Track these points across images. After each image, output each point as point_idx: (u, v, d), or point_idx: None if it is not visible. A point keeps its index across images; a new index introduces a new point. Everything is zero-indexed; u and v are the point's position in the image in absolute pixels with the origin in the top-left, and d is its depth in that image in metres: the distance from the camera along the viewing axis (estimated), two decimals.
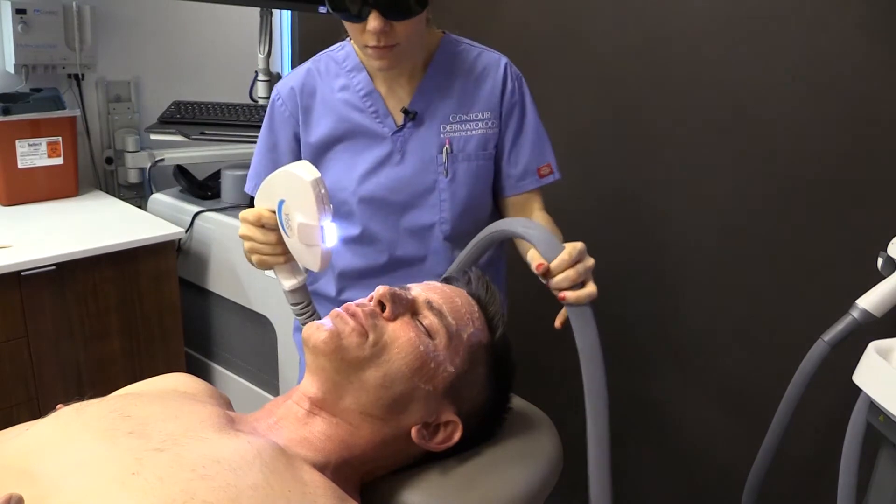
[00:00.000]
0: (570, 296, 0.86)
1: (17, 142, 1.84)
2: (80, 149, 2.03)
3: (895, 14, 1.35)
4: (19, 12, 1.86)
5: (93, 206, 1.94)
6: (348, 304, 0.77)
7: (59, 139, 1.90)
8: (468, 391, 0.79)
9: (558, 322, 0.93)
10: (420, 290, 0.80)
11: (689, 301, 1.72)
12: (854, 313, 1.19)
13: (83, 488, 0.59)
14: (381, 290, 0.76)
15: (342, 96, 1.16)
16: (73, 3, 1.96)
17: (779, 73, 1.49)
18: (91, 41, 2.01)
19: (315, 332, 0.74)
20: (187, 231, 1.91)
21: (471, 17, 1.94)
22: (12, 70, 1.92)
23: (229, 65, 2.33)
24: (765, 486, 1.43)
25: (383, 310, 0.76)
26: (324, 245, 0.86)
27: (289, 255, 0.94)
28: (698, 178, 1.64)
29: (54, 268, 1.57)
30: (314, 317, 0.98)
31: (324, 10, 1.96)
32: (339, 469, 0.72)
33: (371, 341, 0.73)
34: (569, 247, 0.87)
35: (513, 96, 1.18)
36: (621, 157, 1.76)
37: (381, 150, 1.16)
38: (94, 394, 0.75)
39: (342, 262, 1.23)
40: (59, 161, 1.92)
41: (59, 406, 0.73)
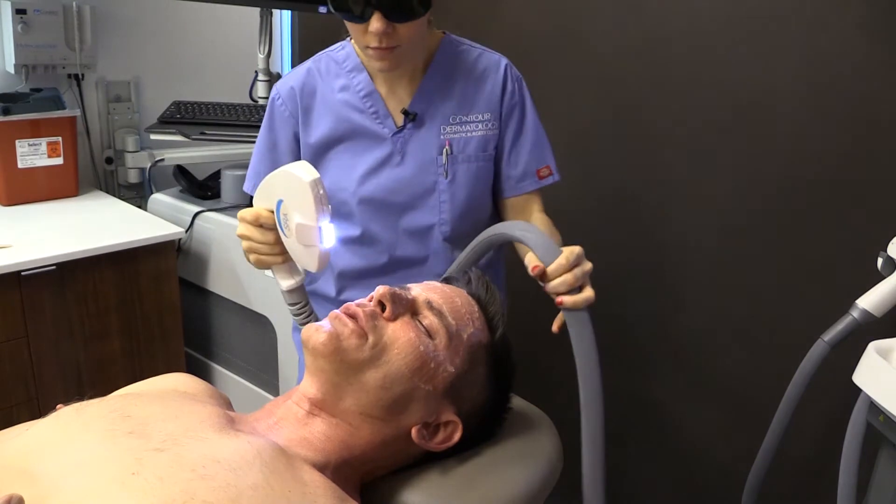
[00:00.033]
0: (567, 300, 0.86)
1: (17, 142, 1.84)
2: (80, 149, 2.03)
3: (895, 14, 1.35)
4: (19, 12, 1.86)
5: (93, 206, 1.94)
6: (348, 304, 0.77)
7: (59, 139, 1.90)
8: (468, 391, 0.79)
9: (555, 326, 0.94)
10: (420, 290, 0.80)
11: (689, 301, 1.72)
12: (854, 313, 1.19)
13: (83, 488, 0.59)
14: (381, 290, 0.76)
15: (342, 97, 1.16)
16: (73, 3, 1.96)
17: (779, 73, 1.49)
18: (91, 41, 2.01)
19: (314, 333, 0.74)
20: (187, 231, 1.91)
21: (471, 18, 1.94)
22: (12, 70, 1.92)
23: (229, 65, 2.33)
24: (765, 486, 1.43)
25: (383, 310, 0.76)
26: (321, 246, 0.86)
27: (287, 255, 0.94)
28: (698, 178, 1.64)
29: (54, 268, 1.57)
30: (311, 317, 0.98)
31: (324, 10, 1.96)
32: (339, 469, 0.72)
33: (371, 343, 0.73)
34: (566, 251, 0.87)
35: (513, 97, 1.18)
36: (621, 157, 1.76)
37: (381, 151, 1.16)
38: (94, 394, 0.75)
39: (342, 262, 1.23)
40: (59, 161, 1.92)
41: (59, 406, 0.73)
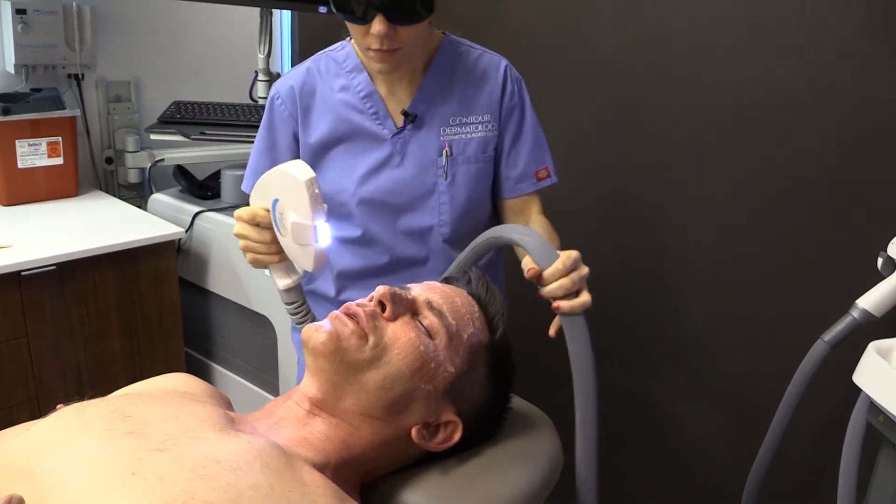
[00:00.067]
0: (564, 305, 0.86)
1: (17, 142, 1.84)
2: (80, 149, 2.03)
3: (895, 14, 1.35)
4: (19, 12, 1.86)
5: (93, 206, 1.94)
6: (348, 304, 0.77)
7: (59, 139, 1.90)
8: (468, 391, 0.79)
9: (552, 330, 0.93)
10: (420, 290, 0.80)
11: (689, 301, 1.72)
12: (854, 313, 1.19)
13: (83, 488, 0.59)
14: (381, 290, 0.76)
15: (342, 97, 1.16)
16: (73, 3, 1.96)
17: (779, 73, 1.49)
18: (91, 41, 2.01)
19: (314, 333, 0.73)
20: (187, 231, 1.91)
21: (471, 18, 1.93)
22: (12, 70, 1.92)
23: (229, 65, 2.33)
24: (765, 486, 1.43)
25: (383, 310, 0.76)
26: (317, 245, 0.86)
27: (283, 255, 0.94)
28: (698, 178, 1.64)
29: (54, 268, 1.57)
30: (308, 316, 0.98)
31: (324, 10, 1.96)
32: (339, 469, 0.72)
33: (371, 343, 0.73)
34: (563, 255, 0.87)
35: (512, 99, 1.18)
36: (621, 157, 1.76)
37: (380, 152, 1.16)
38: (94, 394, 0.75)
39: (341, 262, 1.23)
40: (59, 161, 1.92)
41: (59, 406, 0.73)
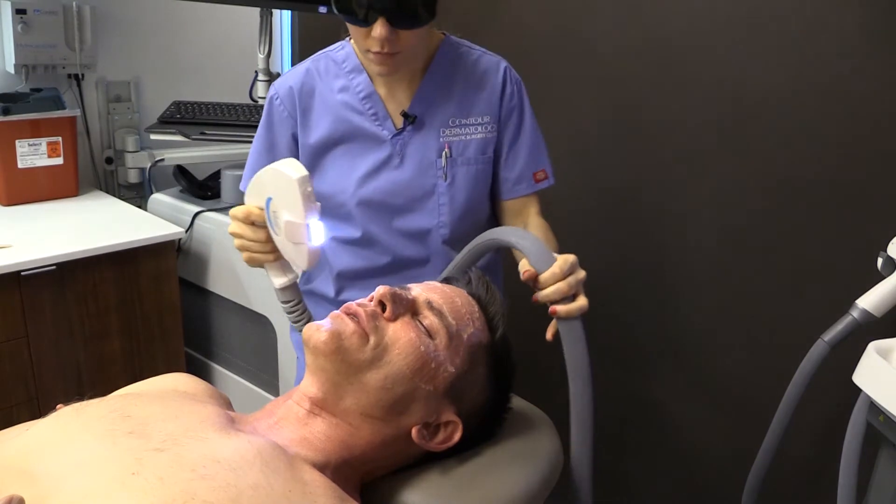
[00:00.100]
0: (561, 310, 0.86)
1: (17, 142, 1.84)
2: (80, 149, 2.03)
3: (895, 14, 1.35)
4: (19, 12, 1.86)
5: (93, 206, 1.94)
6: (349, 303, 0.77)
7: (59, 139, 1.90)
8: (468, 391, 0.79)
9: (549, 334, 0.93)
10: (420, 290, 0.80)
11: (689, 301, 1.72)
12: (854, 313, 1.19)
13: (83, 488, 0.59)
14: (381, 290, 0.76)
15: (341, 98, 1.16)
16: (73, 3, 1.96)
17: (779, 73, 1.49)
18: (91, 41, 2.01)
19: (315, 332, 0.73)
20: (187, 231, 1.91)
21: (471, 18, 1.93)
22: (12, 70, 1.92)
23: (229, 65, 2.33)
24: (765, 486, 1.43)
25: (384, 310, 0.76)
26: (310, 243, 0.86)
27: (279, 253, 0.94)
28: (698, 178, 1.64)
29: (54, 268, 1.57)
30: (305, 315, 0.98)
31: (324, 10, 1.96)
32: (340, 469, 0.72)
33: (372, 344, 0.73)
34: (560, 259, 0.87)
35: (511, 100, 1.18)
36: (621, 157, 1.76)
37: (380, 154, 1.16)
38: (94, 394, 0.75)
39: (340, 262, 1.22)
40: (59, 161, 1.92)
41: (59, 406, 0.73)
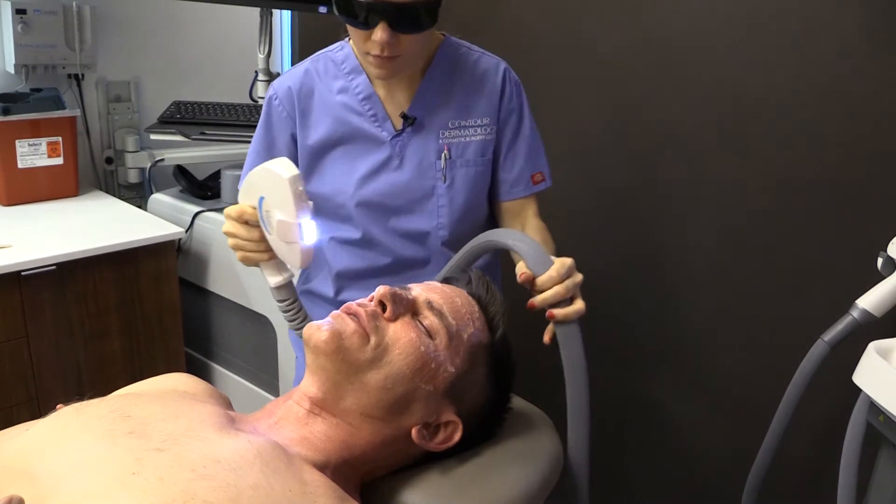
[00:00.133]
0: (558, 313, 0.86)
1: (17, 142, 1.84)
2: (80, 149, 2.03)
3: (895, 14, 1.35)
4: (19, 12, 1.86)
5: (93, 206, 1.94)
6: (349, 303, 0.77)
7: (59, 139, 1.90)
8: (468, 391, 0.79)
9: (547, 338, 0.93)
10: (420, 291, 0.80)
11: (689, 301, 1.72)
12: (854, 313, 1.19)
13: (83, 488, 0.59)
14: (381, 290, 0.76)
15: (341, 99, 1.15)
16: (73, 3, 1.96)
17: (779, 73, 1.49)
18: (91, 41, 2.01)
19: (316, 331, 0.73)
20: (187, 231, 1.91)
21: (471, 18, 1.93)
22: (12, 70, 1.92)
23: (229, 65, 2.33)
24: (765, 486, 1.43)
25: (384, 310, 0.76)
26: (302, 242, 0.86)
27: (273, 252, 0.94)
28: (698, 178, 1.64)
29: (54, 268, 1.57)
30: (300, 314, 0.98)
31: (324, 10, 1.96)
32: (340, 469, 0.72)
33: (373, 344, 0.73)
34: (557, 262, 0.87)
35: (510, 102, 1.18)
36: (621, 157, 1.76)
37: (379, 155, 1.15)
38: (94, 394, 0.75)
39: (340, 262, 1.22)
40: (59, 161, 1.92)
41: (59, 406, 0.73)
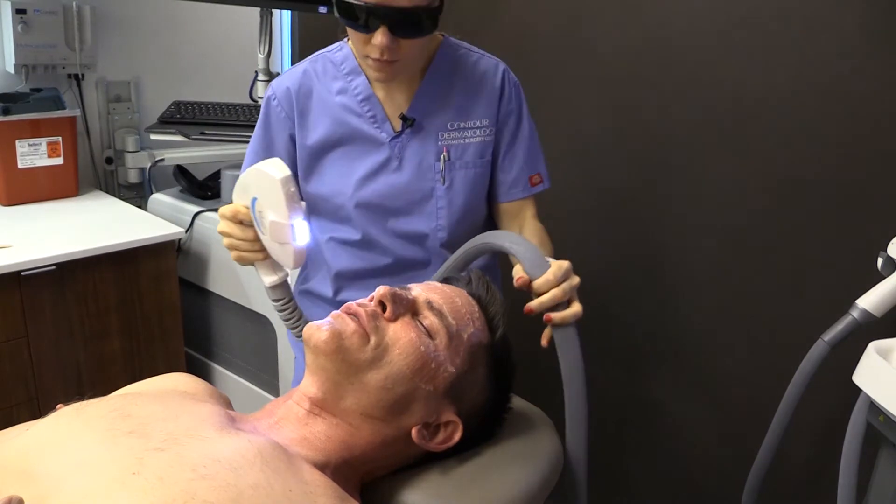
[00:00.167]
0: (555, 317, 0.86)
1: (17, 142, 1.84)
2: (80, 149, 2.03)
3: (895, 14, 1.35)
4: (19, 12, 1.86)
5: (93, 206, 1.94)
6: (349, 303, 0.77)
7: (59, 139, 1.90)
8: (468, 391, 0.79)
9: (544, 340, 0.93)
10: (420, 291, 0.80)
11: (689, 301, 1.72)
12: (854, 313, 1.19)
13: (83, 488, 0.59)
14: (381, 290, 0.76)
15: (340, 100, 1.15)
16: (73, 3, 1.96)
17: (779, 73, 1.49)
18: (91, 41, 2.01)
19: (316, 331, 0.73)
20: (187, 231, 1.91)
21: (471, 18, 1.94)
22: (12, 70, 1.92)
23: (229, 65, 2.33)
24: (765, 486, 1.43)
25: (384, 310, 0.76)
26: (295, 243, 0.86)
27: (268, 252, 0.94)
28: (698, 178, 1.64)
29: (54, 268, 1.57)
30: (296, 314, 0.98)
31: (324, 10, 1.96)
32: (340, 469, 0.72)
33: (373, 344, 0.73)
34: (554, 265, 0.87)
35: (510, 104, 1.17)
36: (621, 157, 1.76)
37: (378, 156, 1.15)
38: (94, 394, 0.75)
39: (339, 263, 1.22)
40: (59, 161, 1.92)
41: (59, 406, 0.73)
